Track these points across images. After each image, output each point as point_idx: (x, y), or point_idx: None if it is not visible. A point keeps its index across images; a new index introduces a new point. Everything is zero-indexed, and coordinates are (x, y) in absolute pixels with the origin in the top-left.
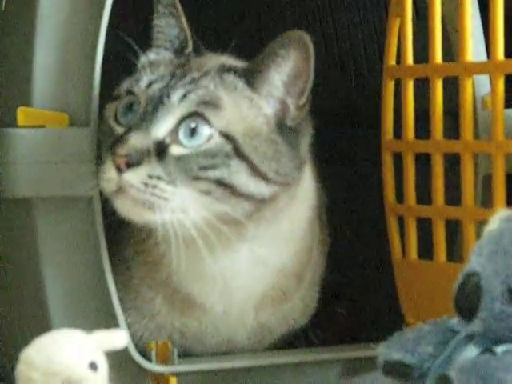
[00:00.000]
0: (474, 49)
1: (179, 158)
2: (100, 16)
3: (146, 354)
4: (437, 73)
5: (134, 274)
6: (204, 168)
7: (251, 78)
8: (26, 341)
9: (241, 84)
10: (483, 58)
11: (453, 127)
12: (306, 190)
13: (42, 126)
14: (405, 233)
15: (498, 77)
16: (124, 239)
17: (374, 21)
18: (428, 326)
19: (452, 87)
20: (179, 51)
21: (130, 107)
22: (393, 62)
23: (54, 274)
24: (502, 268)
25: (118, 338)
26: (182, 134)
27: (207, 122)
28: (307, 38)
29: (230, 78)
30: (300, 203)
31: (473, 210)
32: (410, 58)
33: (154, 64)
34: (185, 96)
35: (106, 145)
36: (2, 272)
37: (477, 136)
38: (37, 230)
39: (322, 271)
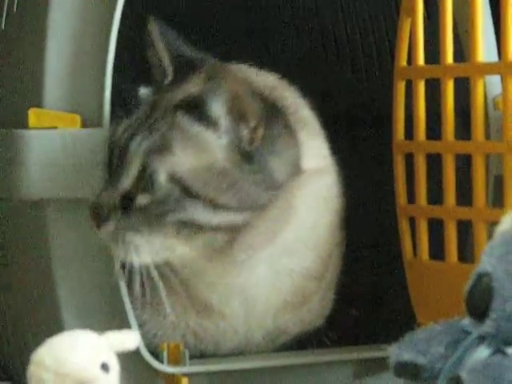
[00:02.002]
0: (485, 49)
1: (141, 208)
2: (111, 16)
3: (158, 355)
4: (448, 73)
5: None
6: (161, 215)
7: (198, 111)
8: (37, 342)
9: (190, 120)
10: (494, 58)
11: (464, 128)
12: (322, 199)
13: (54, 128)
14: (416, 233)
15: (509, 77)
16: None
17: (385, 21)
18: (439, 327)
19: (463, 88)
20: (160, 83)
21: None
22: (404, 62)
23: (66, 275)
24: None
25: (130, 339)
26: (144, 183)
27: (157, 169)
28: (221, 66)
29: (180, 115)
30: (309, 210)
31: (484, 210)
32: (421, 59)
33: (140, 101)
34: (140, 144)
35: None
36: (14, 273)
37: (488, 137)
38: (48, 231)
39: (338, 272)
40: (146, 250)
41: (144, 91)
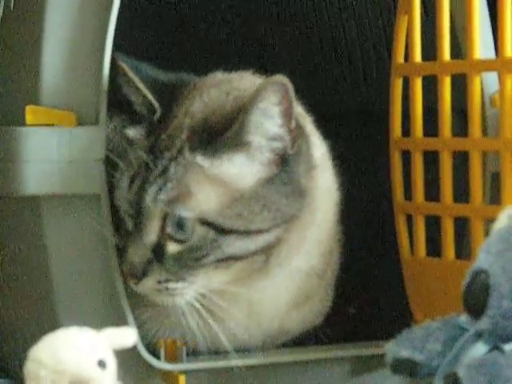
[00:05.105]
0: (482, 46)
1: (175, 256)
2: (108, 14)
3: (155, 352)
4: (445, 70)
5: None
6: (198, 259)
7: (235, 144)
8: (34, 338)
9: (205, 157)
10: (491, 55)
11: (461, 125)
12: (327, 193)
13: (51, 125)
14: (413, 230)
15: (506, 74)
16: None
17: (382, 18)
18: (436, 324)
19: (461, 85)
20: (149, 120)
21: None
22: (401, 59)
23: (62, 271)
24: (510, 265)
25: (127, 336)
26: (170, 230)
27: (185, 217)
28: (278, 80)
29: (194, 156)
30: (322, 207)
31: (481, 207)
32: (418, 56)
33: (131, 145)
34: (156, 196)
35: (123, 240)
36: (10, 270)
37: (485, 134)
38: (44, 228)
39: (338, 270)
40: (190, 290)
41: (132, 132)
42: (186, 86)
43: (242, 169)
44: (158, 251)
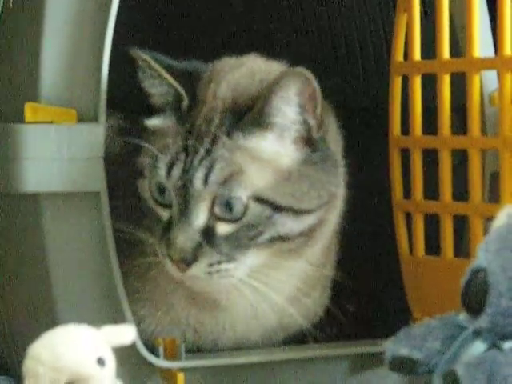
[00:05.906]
0: (481, 44)
1: (227, 237)
2: (108, 10)
3: (154, 350)
4: (444, 69)
5: (153, 265)
6: (253, 237)
7: (260, 123)
8: (33, 336)
9: (249, 136)
10: (491, 53)
11: (460, 123)
12: None
13: (50, 122)
14: (412, 229)
15: (506, 73)
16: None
17: (381, 17)
18: (435, 322)
19: (460, 83)
20: (177, 109)
21: (161, 188)
22: (400, 58)
23: (61, 269)
24: (509, 264)
25: (126, 333)
26: (219, 211)
27: (236, 197)
28: (298, 72)
29: (239, 134)
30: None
31: (480, 205)
32: (417, 54)
33: (160, 135)
34: (206, 179)
35: (156, 230)
36: (9, 267)
37: (484, 132)
38: (44, 226)
39: (335, 269)
40: (241, 269)
41: (155, 122)
42: (202, 72)
43: (276, 146)
44: (208, 234)
